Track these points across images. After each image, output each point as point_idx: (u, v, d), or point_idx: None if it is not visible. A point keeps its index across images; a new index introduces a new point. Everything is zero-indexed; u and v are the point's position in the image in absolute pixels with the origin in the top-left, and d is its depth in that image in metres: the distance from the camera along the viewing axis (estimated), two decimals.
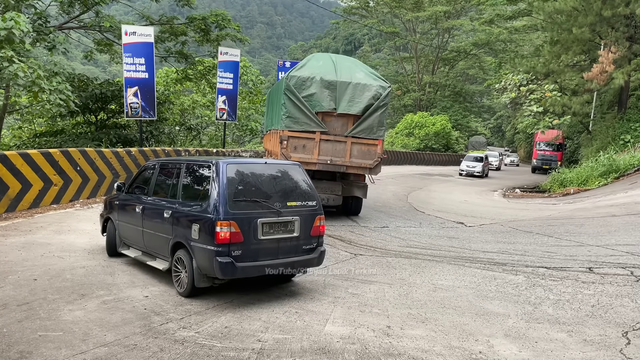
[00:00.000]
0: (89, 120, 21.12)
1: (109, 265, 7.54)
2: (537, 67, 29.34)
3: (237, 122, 27.82)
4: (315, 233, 6.59)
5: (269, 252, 6.15)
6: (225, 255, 5.80)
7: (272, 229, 6.16)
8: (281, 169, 6.71)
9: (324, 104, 11.94)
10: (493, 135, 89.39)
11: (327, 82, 11.94)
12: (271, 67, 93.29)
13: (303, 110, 11.89)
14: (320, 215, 6.67)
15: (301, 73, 12.07)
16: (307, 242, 6.53)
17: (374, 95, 12.06)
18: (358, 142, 12.15)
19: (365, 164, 12.23)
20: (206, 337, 5.12)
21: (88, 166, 12.57)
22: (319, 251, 6.70)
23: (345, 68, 12.51)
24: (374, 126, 12.16)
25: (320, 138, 12.01)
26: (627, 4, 22.51)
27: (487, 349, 5.12)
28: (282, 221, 6.23)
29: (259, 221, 6.01)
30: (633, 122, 26.00)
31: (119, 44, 19.52)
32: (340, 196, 12.64)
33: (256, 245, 6.02)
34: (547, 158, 39.76)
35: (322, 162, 12.04)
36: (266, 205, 6.13)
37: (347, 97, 11.98)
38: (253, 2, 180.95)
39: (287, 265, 6.35)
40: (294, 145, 12.03)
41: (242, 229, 5.88)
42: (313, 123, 11.94)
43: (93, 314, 5.56)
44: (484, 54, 59.12)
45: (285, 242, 6.29)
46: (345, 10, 63.49)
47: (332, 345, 5.07)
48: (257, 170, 6.48)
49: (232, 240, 5.80)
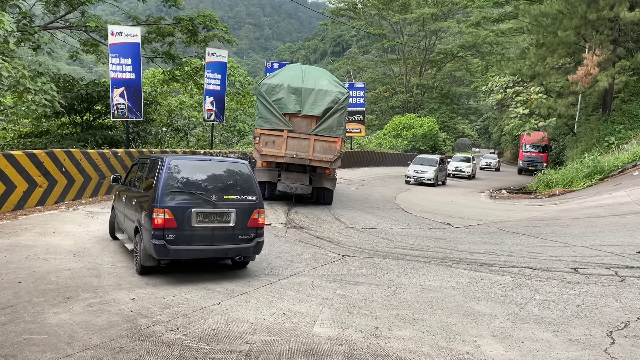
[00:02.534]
0: (75, 121, 20.90)
1: (95, 267, 7.46)
2: (523, 70, 29.59)
3: (224, 123, 27.72)
4: (252, 225, 7.27)
5: (203, 238, 6.94)
6: (160, 238, 6.64)
7: (207, 218, 6.94)
8: (225, 166, 7.64)
9: (290, 107, 14.08)
10: (480, 137, 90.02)
11: (294, 88, 14.13)
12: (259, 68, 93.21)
13: (272, 112, 14.08)
14: (260, 209, 7.33)
15: (271, 81, 14.45)
16: (244, 233, 7.21)
17: (334, 99, 14.12)
18: (320, 139, 14.16)
19: (326, 158, 14.18)
20: (193, 339, 5.09)
21: (74, 167, 12.44)
22: (255, 241, 7.32)
23: (311, 77, 14.66)
24: (334, 126, 14.22)
25: (288, 135, 14.09)
26: (611, 8, 22.80)
27: (474, 349, 5.15)
28: (217, 212, 6.98)
29: (193, 210, 6.82)
30: (617, 124, 26.34)
31: (105, 44, 19.36)
32: (308, 186, 14.66)
33: (190, 231, 6.82)
34: (533, 159, 40.14)
35: (289, 155, 14.09)
36: (201, 197, 6.93)
37: (311, 101, 14.12)
38: (241, 3, 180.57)
39: (222, 251, 7.19)
40: (265, 141, 14.18)
41: (176, 216, 6.72)
42: (281, 122, 14.10)
43: (78, 317, 5.50)
44: (470, 56, 59.52)
45: (220, 231, 7.04)
46: (333, 11, 63.57)
47: (320, 347, 5.07)
48: (199, 166, 7.47)
49: (165, 226, 6.65)
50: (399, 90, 63.36)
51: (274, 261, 8.54)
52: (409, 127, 50.02)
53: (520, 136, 42.54)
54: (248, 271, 7.82)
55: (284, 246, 9.79)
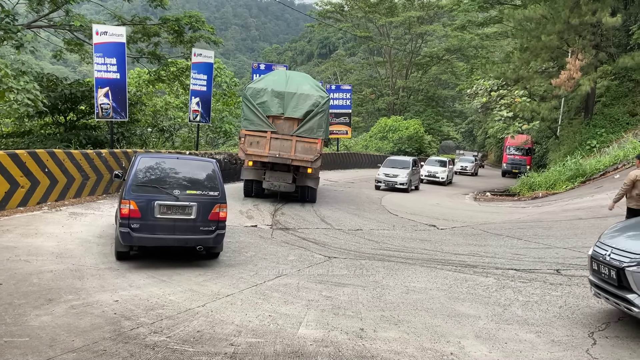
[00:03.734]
0: (58, 121, 20.62)
1: (78, 269, 7.38)
2: (507, 73, 29.94)
3: (210, 124, 27.57)
4: (213, 218, 7.85)
5: (165, 228, 7.61)
6: (125, 226, 7.43)
7: (170, 210, 7.63)
8: (192, 164, 8.53)
9: (273, 110, 14.87)
10: (465, 140, 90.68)
11: (277, 92, 14.92)
12: (246, 69, 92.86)
13: (257, 114, 14.86)
14: (221, 204, 7.93)
15: (256, 85, 15.33)
16: (205, 225, 7.81)
17: (314, 102, 14.88)
18: (301, 140, 14.90)
19: (307, 158, 14.88)
20: (178, 341, 5.06)
21: (57, 168, 12.28)
22: (216, 234, 7.91)
23: (294, 81, 15.47)
24: (314, 128, 14.95)
25: (271, 136, 14.84)
26: (593, 13, 23.16)
27: (458, 350, 5.19)
28: (179, 205, 7.66)
29: (156, 203, 7.53)
30: (599, 128, 26.75)
31: (90, 44, 19.12)
32: (291, 184, 15.38)
33: (153, 221, 7.52)
34: (516, 162, 40.54)
35: (272, 155, 14.82)
36: (164, 191, 7.63)
37: (293, 104, 14.90)
38: (227, 4, 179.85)
39: (183, 241, 7.79)
40: (250, 142, 14.96)
41: (140, 207, 7.45)
42: (265, 124, 14.87)
43: (61, 319, 5.44)
44: (456, 60, 59.96)
45: (182, 222, 7.69)
46: (320, 13, 63.61)
47: (306, 349, 5.07)
48: (167, 163, 8.14)
49: (130, 215, 7.41)
50: (385, 92, 63.61)
51: (260, 263, 8.52)
52: (395, 129, 50.22)
53: (504, 139, 42.92)
54: (233, 273, 7.80)
55: (269, 248, 9.78)
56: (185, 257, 8.51)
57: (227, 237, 10.24)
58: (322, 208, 15.50)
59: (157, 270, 7.65)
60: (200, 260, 8.38)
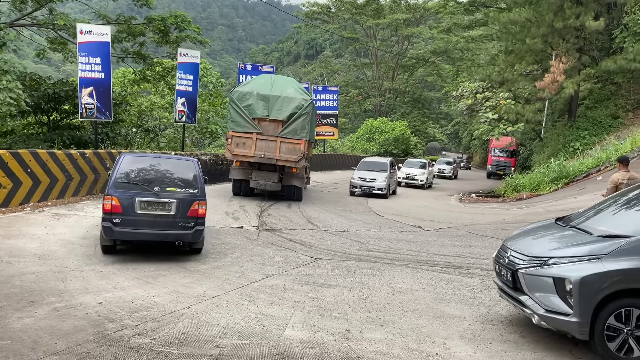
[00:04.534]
0: (41, 121, 20.35)
1: (61, 270, 7.28)
2: (492, 76, 30.21)
3: (196, 124, 27.43)
4: (192, 214, 8.13)
5: (145, 223, 7.93)
6: (108, 221, 7.82)
7: (150, 207, 7.96)
8: (173, 163, 8.87)
9: (258, 112, 15.44)
10: (450, 141, 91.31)
11: (262, 95, 15.49)
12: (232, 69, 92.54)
13: (243, 116, 15.44)
14: (200, 201, 8.20)
15: (243, 89, 15.98)
16: (184, 221, 8.10)
17: (298, 105, 15.47)
18: (285, 141, 15.44)
19: (291, 158, 15.39)
20: (162, 343, 5.02)
21: (39, 168, 12.12)
22: (195, 229, 8.17)
23: (279, 85, 16.03)
24: (298, 129, 15.49)
25: (257, 137, 15.40)
26: (577, 17, 23.48)
27: (444, 351, 5.22)
28: (159, 201, 7.98)
29: (137, 199, 7.89)
30: (582, 130, 27.11)
31: (74, 43, 18.91)
32: (277, 183, 15.92)
33: (134, 217, 7.87)
34: (501, 164, 40.89)
35: (257, 155, 15.37)
36: (145, 188, 8.00)
37: (277, 106, 15.45)
38: (214, 4, 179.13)
39: (162, 236, 8.08)
40: (236, 142, 15.52)
41: (122, 203, 7.83)
42: (250, 126, 15.43)
43: (43, 322, 5.36)
44: (442, 62, 60.38)
45: (162, 218, 8.01)
46: (306, 14, 63.66)
47: (291, 350, 5.06)
48: (150, 162, 8.53)
49: (112, 211, 7.80)
50: (372, 94, 63.83)
51: (246, 264, 8.49)
52: (382, 130, 50.41)
53: (489, 141, 43.30)
54: (219, 274, 7.76)
55: (255, 249, 9.75)
56: (171, 258, 8.46)
57: (213, 238, 10.21)
58: (309, 209, 15.50)
59: (142, 271, 7.58)
60: (186, 262, 8.33)
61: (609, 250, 5.00)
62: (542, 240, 5.87)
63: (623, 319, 4.90)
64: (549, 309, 5.09)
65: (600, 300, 4.88)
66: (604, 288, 4.88)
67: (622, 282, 4.92)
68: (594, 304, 4.88)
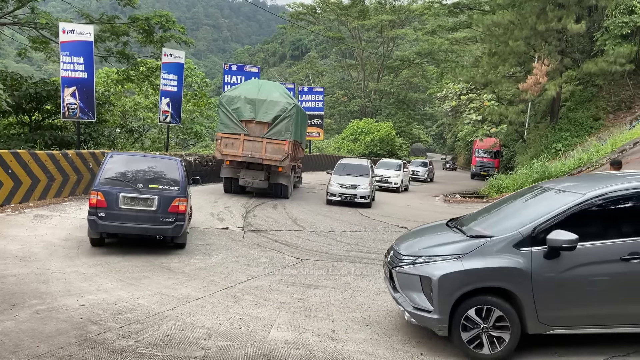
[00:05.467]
0: (23, 121, 20.05)
1: (43, 273, 7.18)
2: (476, 77, 30.50)
3: (181, 125, 27.26)
4: (173, 210, 8.54)
5: (128, 218, 8.39)
6: (93, 215, 8.32)
7: (133, 202, 8.45)
8: (157, 161, 9.28)
9: (245, 114, 16.39)
10: (435, 142, 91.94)
11: (249, 99, 16.46)
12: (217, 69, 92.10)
13: (231, 119, 16.44)
14: (180, 198, 8.63)
15: (231, 93, 17.00)
16: (165, 216, 8.51)
17: (282, 108, 16.42)
18: (270, 142, 16.39)
19: (276, 158, 16.39)
20: (146, 346, 4.98)
21: (21, 169, 11.94)
22: (175, 225, 8.56)
23: (265, 90, 16.98)
24: (282, 131, 16.42)
25: (244, 138, 16.39)
26: (559, 20, 23.81)
27: (428, 351, 5.25)
28: (141, 197, 8.45)
29: (121, 195, 8.39)
30: (564, 132, 27.48)
31: (56, 42, 18.68)
32: (264, 181, 16.89)
33: (117, 211, 8.35)
34: (485, 165, 41.27)
35: (245, 155, 16.37)
36: (129, 184, 8.50)
37: (263, 109, 16.40)
38: (199, 4, 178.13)
39: (144, 229, 8.50)
40: (225, 143, 16.50)
41: (107, 198, 8.32)
42: (238, 128, 16.40)
43: (24, 325, 5.29)
44: (426, 63, 60.78)
45: (144, 213, 8.46)
46: (292, 15, 63.67)
47: (277, 351, 5.05)
48: (134, 160, 9.12)
49: (97, 205, 8.30)
50: (357, 95, 64.03)
51: (231, 265, 8.46)
52: (367, 131, 50.56)
53: (473, 142, 43.70)
54: (204, 275, 7.72)
55: (241, 250, 9.71)
56: (155, 259, 8.39)
57: (198, 239, 10.16)
58: (294, 210, 15.49)
59: (126, 273, 7.51)
60: (170, 263, 8.27)
61: (470, 250, 5.11)
62: (421, 240, 5.94)
63: (483, 315, 4.99)
64: (416, 306, 5.19)
65: (457, 298, 4.98)
66: (461, 286, 4.97)
67: (478, 281, 5.00)
68: (452, 301, 4.98)
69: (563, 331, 5.09)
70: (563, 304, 4.97)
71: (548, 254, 4.91)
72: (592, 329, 5.10)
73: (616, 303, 5.00)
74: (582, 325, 5.08)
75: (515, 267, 4.91)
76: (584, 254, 4.91)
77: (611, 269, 4.92)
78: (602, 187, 5.23)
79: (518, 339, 5.01)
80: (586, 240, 4.91)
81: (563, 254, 4.88)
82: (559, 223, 4.97)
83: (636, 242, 4.95)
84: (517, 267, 4.91)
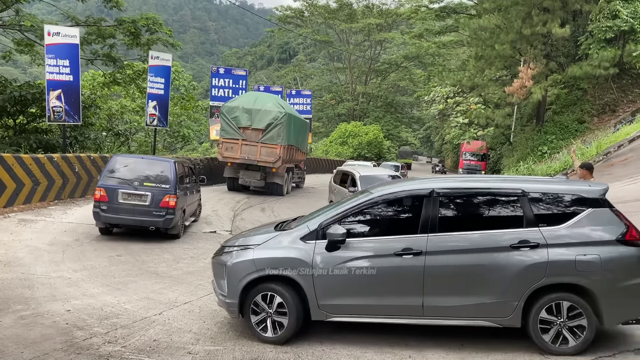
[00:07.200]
0: (7, 124, 19.80)
1: (27, 278, 7.09)
2: (463, 81, 30.75)
3: (168, 128, 27.12)
4: (164, 205, 9.81)
5: (126, 211, 9.74)
6: (97, 208, 9.76)
7: (130, 197, 9.79)
8: (152, 163, 10.56)
9: (243, 122, 18.78)
10: (422, 145, 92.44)
11: (246, 109, 18.89)
12: (205, 72, 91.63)
13: (231, 126, 18.92)
14: (171, 194, 9.86)
15: (231, 104, 19.52)
16: (157, 211, 9.80)
17: (274, 117, 18.72)
18: (265, 146, 18.66)
19: (269, 160, 18.64)
20: (133, 351, 4.94)
21: (5, 173, 11.79)
22: (165, 217, 9.83)
23: (261, 100, 19.43)
24: (274, 136, 18.66)
25: (242, 143, 18.76)
26: (544, 24, 24.10)
27: (417, 353, 5.27)
28: (137, 193, 9.80)
29: (119, 191, 9.76)
30: (549, 135, 27.78)
31: (41, 45, 18.50)
32: (260, 180, 19.24)
33: (117, 205, 9.72)
34: (472, 167, 41.56)
35: (242, 157, 18.75)
36: (126, 182, 9.86)
37: (258, 117, 18.72)
38: (186, 7, 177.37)
39: (139, 221, 9.85)
40: (226, 147, 18.97)
41: (108, 194, 9.72)
42: (237, 133, 18.84)
43: (9, 330, 5.21)
44: (414, 67, 61.18)
45: (139, 207, 9.78)
46: (280, 18, 63.71)
47: (265, 355, 5.03)
48: (134, 162, 10.40)
49: (100, 200, 9.72)
50: (345, 98, 64.21)
51: None
52: (355, 134, 50.73)
53: (461, 145, 43.98)
54: (191, 280, 7.68)
55: None
56: (142, 264, 8.33)
57: (186, 243, 10.12)
58: (282, 213, 15.46)
59: (112, 278, 7.45)
60: (157, 268, 8.21)
61: (265, 241, 5.52)
62: (248, 234, 6.22)
63: (267, 300, 5.32)
64: (220, 292, 5.62)
65: (247, 284, 5.31)
66: (248, 274, 5.31)
67: (263, 269, 5.28)
68: (240, 287, 5.31)
69: (340, 319, 5.34)
70: (340, 294, 5.25)
71: (328, 246, 5.23)
72: (368, 318, 5.35)
73: (389, 295, 5.25)
74: (357, 314, 5.32)
75: (299, 257, 5.24)
76: (362, 247, 5.27)
77: (386, 263, 5.19)
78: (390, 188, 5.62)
79: (299, 324, 5.28)
80: (367, 236, 5.38)
81: (343, 247, 5.20)
82: (342, 220, 5.34)
83: (409, 238, 5.23)
84: (301, 257, 5.24)
